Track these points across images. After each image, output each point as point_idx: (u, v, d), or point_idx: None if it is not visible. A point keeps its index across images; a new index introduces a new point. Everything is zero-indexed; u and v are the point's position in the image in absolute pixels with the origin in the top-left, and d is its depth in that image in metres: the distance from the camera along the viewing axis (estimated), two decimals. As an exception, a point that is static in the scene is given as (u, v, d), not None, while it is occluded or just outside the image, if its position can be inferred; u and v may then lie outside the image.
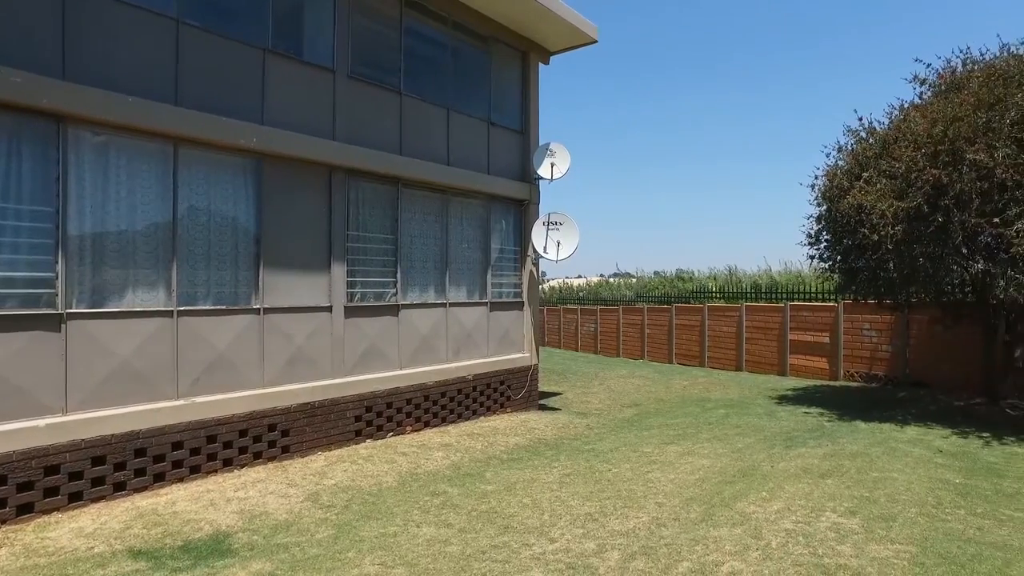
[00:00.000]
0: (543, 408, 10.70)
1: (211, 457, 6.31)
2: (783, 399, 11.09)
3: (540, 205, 10.63)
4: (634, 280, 30.34)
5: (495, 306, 9.99)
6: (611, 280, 33.10)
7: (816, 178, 9.94)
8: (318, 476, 6.35)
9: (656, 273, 28.94)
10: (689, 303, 19.52)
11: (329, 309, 7.57)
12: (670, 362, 18.50)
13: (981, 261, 7.86)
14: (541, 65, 10.97)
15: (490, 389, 9.75)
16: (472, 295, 9.67)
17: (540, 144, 10.46)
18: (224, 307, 6.57)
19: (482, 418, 9.51)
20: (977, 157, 7.53)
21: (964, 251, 8.04)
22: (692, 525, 4.77)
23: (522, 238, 10.48)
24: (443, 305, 9.12)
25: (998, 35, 15.60)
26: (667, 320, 18.85)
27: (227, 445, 6.44)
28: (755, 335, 15.75)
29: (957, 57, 9.12)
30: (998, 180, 7.50)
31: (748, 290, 18.78)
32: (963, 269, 7.92)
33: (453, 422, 9.06)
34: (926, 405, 9.96)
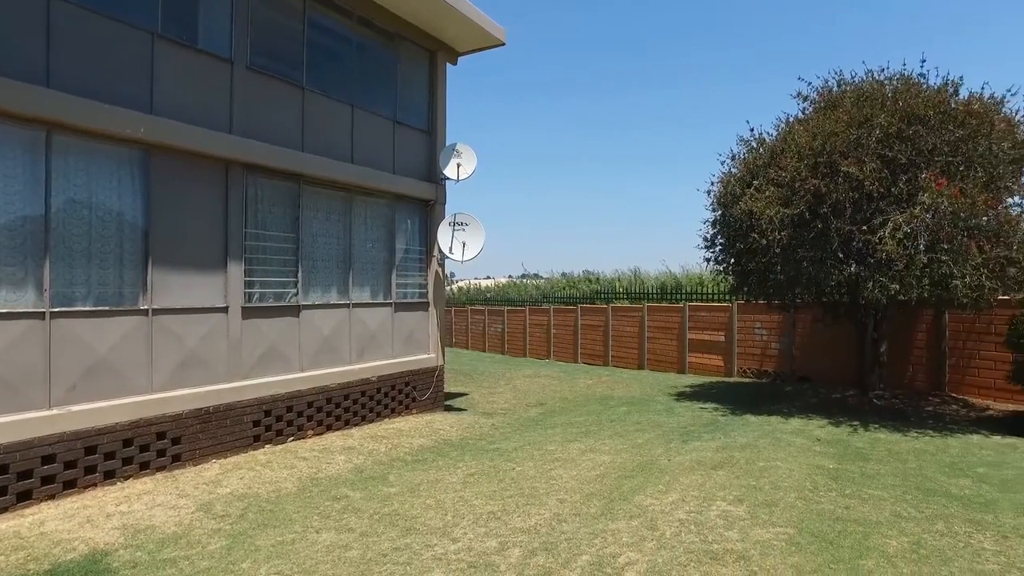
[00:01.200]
0: (449, 409, 10.68)
1: (89, 470, 5.87)
2: (681, 396, 11.60)
3: (447, 205, 10.61)
4: (542, 281, 30.83)
5: (400, 307, 9.88)
6: (519, 281, 33.46)
7: (712, 184, 10.49)
8: (212, 485, 6.05)
9: (564, 274, 29.53)
10: (595, 304, 20.06)
11: (225, 310, 7.23)
12: (575, 361, 18.95)
13: (853, 265, 8.54)
14: (449, 66, 10.96)
15: (395, 391, 9.63)
16: (377, 295, 9.51)
17: (447, 144, 10.44)
18: (107, 308, 6.14)
19: (387, 420, 9.37)
20: (850, 170, 8.18)
21: (840, 255, 8.71)
22: (592, 519, 4.91)
23: (428, 238, 10.42)
24: (346, 306, 8.92)
25: (863, 61, 17.03)
26: (573, 320, 19.29)
27: (109, 456, 6.01)
28: (656, 334, 16.40)
29: (833, 78, 9.91)
30: (867, 191, 8.19)
31: (651, 291, 19.54)
32: (839, 272, 8.58)
33: (357, 425, 8.88)
34: (808, 398, 10.71)
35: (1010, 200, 8.58)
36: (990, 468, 6.22)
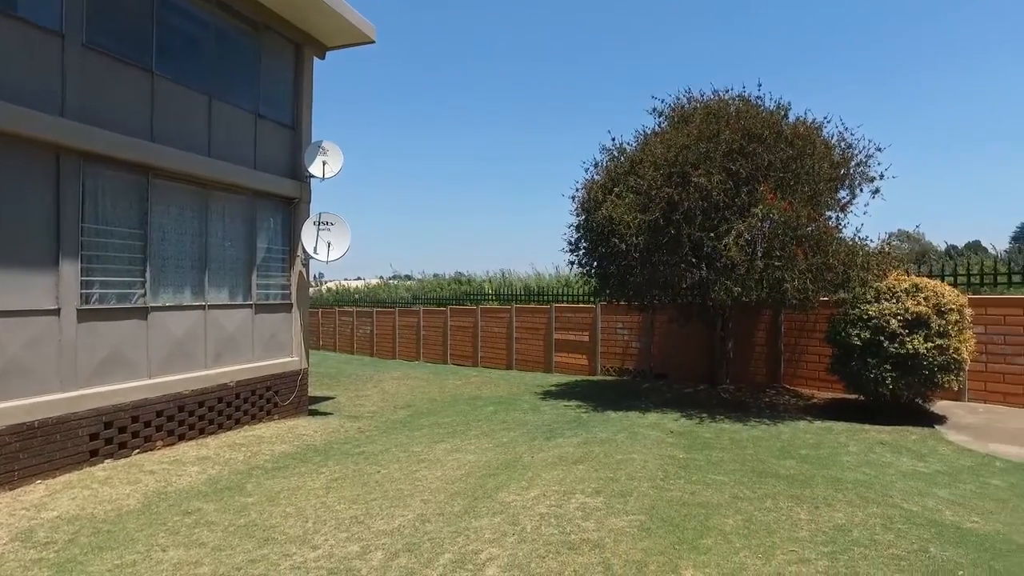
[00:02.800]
0: (314, 413, 10.35)
1: None
2: (547, 394, 11.99)
3: (312, 204, 10.28)
4: (413, 283, 30.57)
5: (262, 308, 9.44)
6: (390, 282, 32.97)
7: (576, 190, 10.94)
8: (35, 509, 5.47)
9: (435, 276, 29.46)
10: (464, 305, 20.22)
11: (57, 312, 6.56)
12: (445, 362, 18.99)
13: (703, 268, 9.26)
14: (317, 60, 10.63)
15: (255, 396, 9.19)
16: (236, 296, 9.03)
17: (313, 141, 10.12)
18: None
19: (247, 427, 8.93)
20: (699, 180, 8.87)
21: (692, 260, 9.40)
22: (455, 518, 4.98)
23: (291, 238, 10.04)
24: (202, 307, 8.40)
25: (711, 82, 18.54)
26: (442, 322, 19.33)
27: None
28: (524, 335, 16.82)
29: (684, 95, 10.70)
30: (714, 201, 8.92)
31: (520, 292, 19.96)
32: (691, 275, 9.26)
33: (213, 433, 8.39)
34: (664, 394, 11.44)
35: (828, 213, 9.67)
36: (811, 449, 7.00)
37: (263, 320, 9.46)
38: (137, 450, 7.30)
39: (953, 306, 8.21)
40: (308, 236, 9.77)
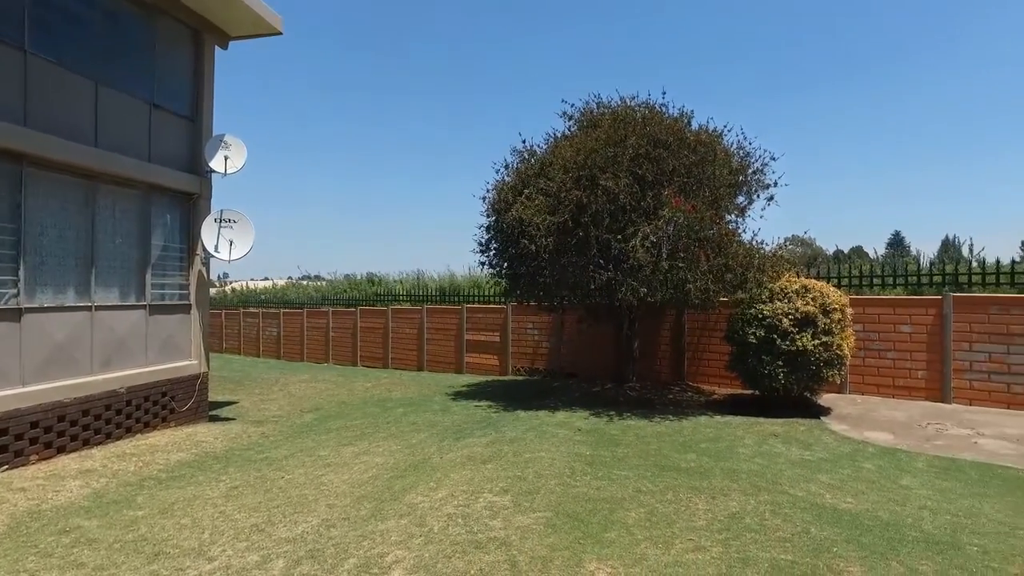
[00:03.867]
0: (215, 419, 9.86)
1: None
2: (458, 395, 11.96)
3: (213, 200, 9.79)
4: (324, 283, 29.76)
5: (157, 309, 8.91)
6: (299, 283, 31.92)
7: (487, 191, 10.97)
8: None
9: (347, 276, 28.78)
10: (376, 306, 19.87)
11: (-87, 314, 5.93)
12: (355, 364, 18.61)
13: (611, 269, 9.50)
14: (220, 50, 10.13)
15: (149, 402, 8.65)
16: (127, 297, 8.48)
17: (214, 135, 9.65)
18: None
19: (140, 436, 8.40)
20: (607, 184, 9.11)
21: (600, 261, 9.63)
22: (361, 522, 4.88)
23: (191, 235, 9.53)
24: (87, 308, 7.83)
25: (617, 89, 19.19)
26: (352, 323, 18.94)
27: None
28: (435, 336, 16.72)
29: (593, 101, 10.97)
30: (621, 204, 9.18)
31: (432, 293, 19.82)
32: (599, 276, 9.49)
33: (100, 444, 7.83)
34: (573, 392, 11.66)
35: (728, 217, 10.18)
36: (710, 443, 7.33)
37: (159, 322, 8.93)
38: (5, 467, 6.70)
39: (837, 306, 8.83)
40: (209, 234, 9.30)
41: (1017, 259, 10.24)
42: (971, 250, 14.20)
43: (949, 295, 9.75)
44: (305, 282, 32.00)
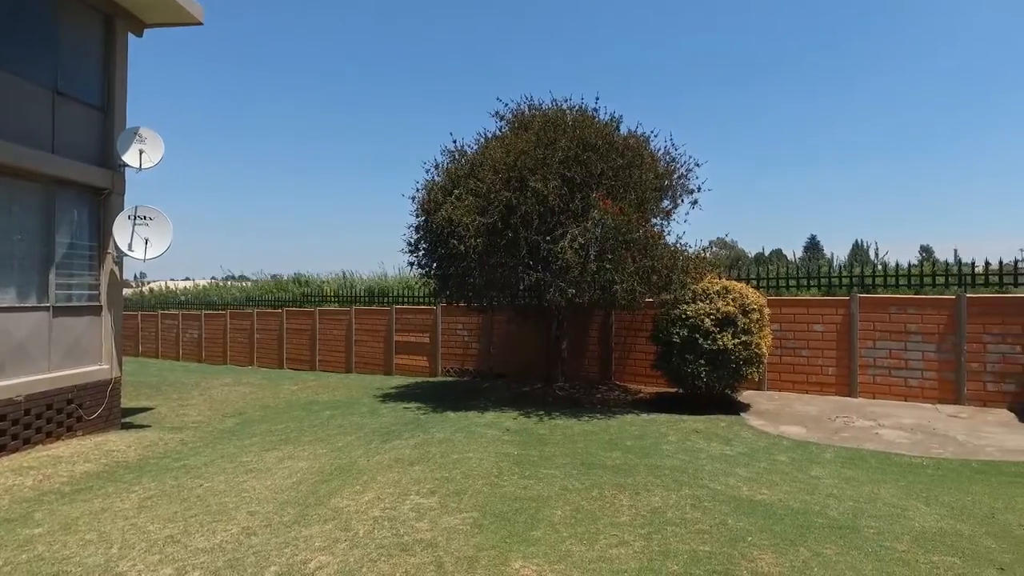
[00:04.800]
0: (128, 427, 9.36)
1: None
2: (387, 397, 11.81)
3: (127, 196, 9.29)
4: (249, 284, 28.79)
5: (62, 311, 8.38)
6: (223, 283, 30.73)
7: (417, 191, 10.87)
8: None
9: (274, 276, 27.95)
10: (303, 307, 19.37)
11: None
12: (281, 367, 18.10)
13: (540, 270, 9.60)
14: (135, 37, 9.63)
15: (53, 411, 8.12)
16: (27, 298, 7.93)
17: (128, 127, 9.16)
18: None
19: (41, 447, 7.87)
20: (536, 185, 9.20)
21: (529, 262, 9.72)
22: (284, 528, 4.75)
23: (101, 233, 9.01)
24: (-18, 310, 7.28)
25: (551, 91, 19.38)
26: (278, 324, 18.41)
27: None
28: (364, 337, 16.45)
29: (525, 102, 11.06)
30: (550, 205, 9.30)
31: (361, 294, 19.48)
32: (528, 277, 9.57)
33: (-4, 455, 7.29)
34: (502, 393, 11.71)
35: (654, 220, 10.47)
36: (635, 440, 7.52)
37: (64, 324, 8.40)
38: None
39: (755, 306, 9.22)
40: (122, 231, 8.82)
41: (914, 262, 10.99)
42: (877, 253, 15.18)
43: (856, 296, 10.36)
44: (229, 282, 30.85)
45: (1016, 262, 10.15)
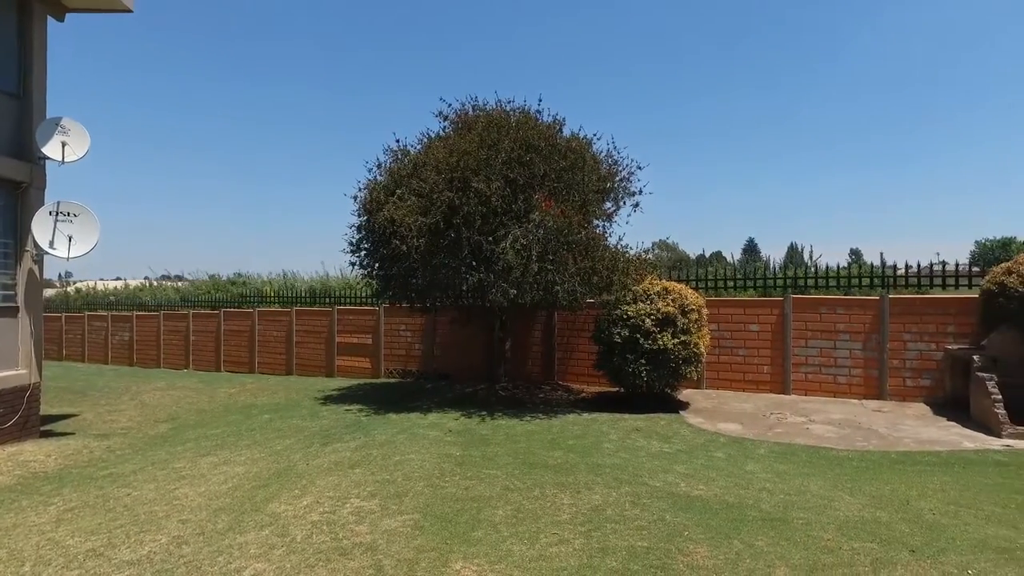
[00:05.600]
0: (48, 435, 8.88)
1: None
2: (328, 399, 11.58)
3: (47, 191, 8.80)
4: (186, 283, 27.76)
5: (-24, 312, 7.88)
6: (157, 283, 29.52)
7: (359, 190, 10.69)
8: None
9: (212, 276, 27.04)
10: (242, 308, 18.80)
11: None
12: (218, 370, 17.52)
13: (482, 271, 9.58)
14: (55, 22, 9.14)
15: (-35, 418, 7.64)
16: (-63, 298, 7.43)
17: (48, 117, 8.69)
18: None
19: (-49, 456, 7.38)
20: (479, 186, 9.18)
21: (472, 263, 9.67)
22: (218, 536, 4.59)
23: (19, 230, 8.51)
24: None
25: (496, 91, 19.41)
26: (216, 326, 17.81)
27: None
28: (305, 338, 16.09)
29: (469, 103, 11.02)
30: (493, 206, 9.29)
31: (303, 295, 19.04)
32: (471, 277, 9.53)
33: (-100, 467, 6.80)
34: (446, 394, 11.65)
35: (596, 222, 10.59)
36: (577, 439, 7.59)
37: (-23, 326, 7.90)
38: None
39: (694, 307, 9.45)
40: (42, 228, 8.36)
41: (844, 264, 11.48)
42: (811, 256, 15.79)
43: (789, 296, 10.75)
44: (164, 282, 29.67)
45: (932, 265, 10.73)
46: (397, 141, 10.96)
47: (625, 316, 9.36)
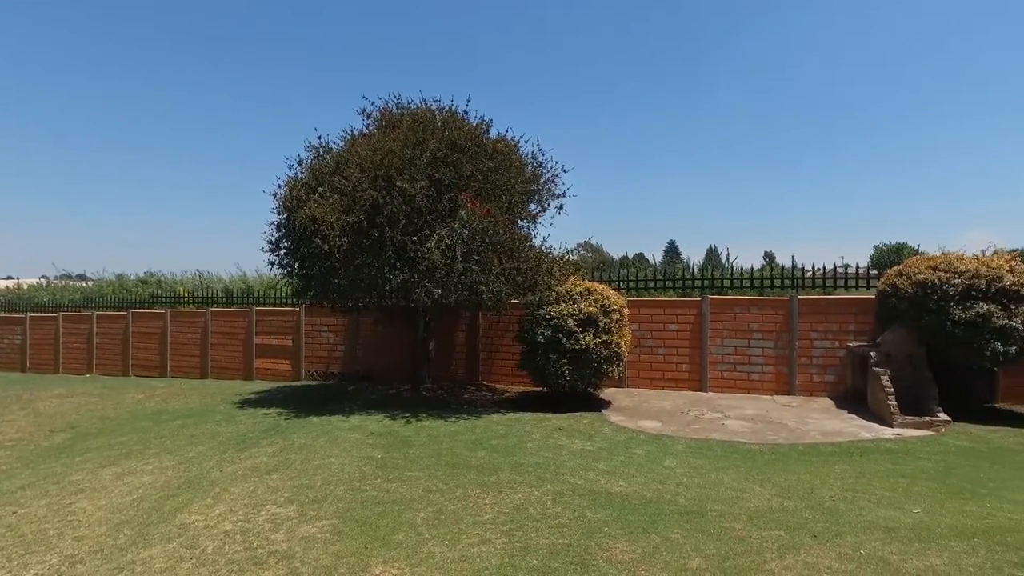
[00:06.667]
0: (-72, 447, 8.15)
1: None
2: (246, 403, 11.15)
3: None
4: (90, 283, 26.09)
5: None
6: (56, 282, 27.61)
7: (279, 187, 10.32)
8: None
9: (119, 276, 25.53)
10: (153, 309, 17.85)
11: None
12: (126, 375, 16.57)
13: (406, 271, 9.45)
14: None
15: None
16: None
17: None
18: None
19: None
20: (404, 185, 9.06)
21: (396, 262, 9.52)
22: (119, 552, 4.33)
23: None
24: None
25: (420, 91, 19.29)
26: (124, 328, 16.84)
27: None
28: (222, 340, 15.45)
29: (393, 100, 10.87)
30: (417, 206, 9.19)
31: (220, 295, 18.26)
32: (394, 278, 9.37)
33: None
34: (369, 395, 11.42)
35: (521, 223, 10.65)
36: (501, 439, 7.60)
37: None
38: None
39: (615, 307, 9.65)
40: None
41: (757, 266, 12.02)
42: (728, 258, 16.45)
43: (707, 297, 11.15)
44: (65, 282, 27.77)
45: (835, 268, 11.39)
46: (319, 138, 10.68)
47: (548, 316, 9.46)
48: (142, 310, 17.52)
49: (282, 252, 10.31)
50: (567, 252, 10.98)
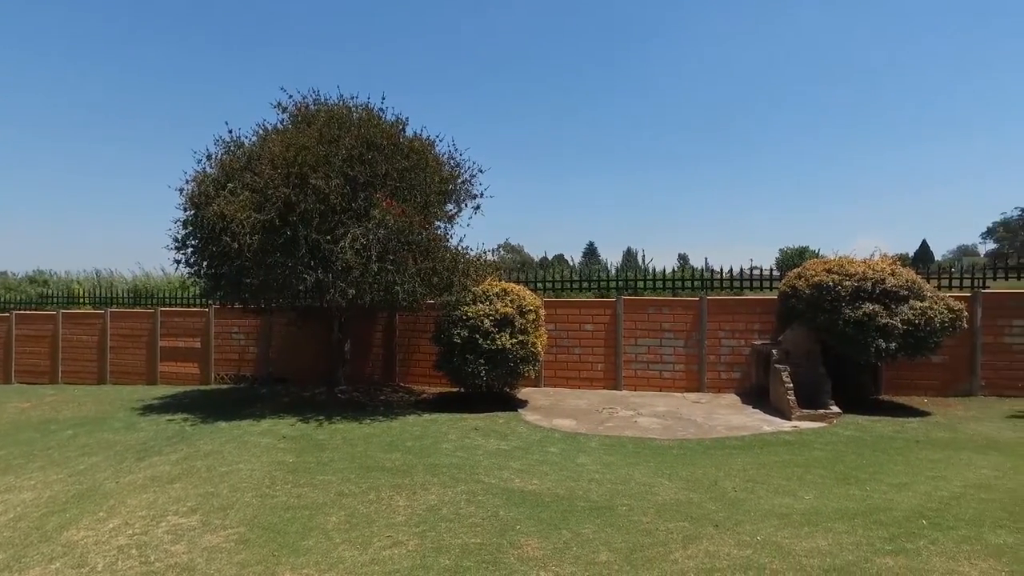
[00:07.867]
0: None
1: None
2: (148, 409, 10.55)
3: None
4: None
5: None
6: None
7: (186, 183, 9.85)
8: None
9: (3, 274, 23.62)
10: (43, 309, 16.61)
11: None
12: (8, 382, 15.36)
13: (320, 271, 9.21)
14: None
15: None
16: None
17: None
18: None
19: None
20: (318, 183, 8.84)
21: (309, 262, 9.27)
22: (-6, 573, 4.01)
23: None
24: None
25: (338, 86, 18.84)
26: (6, 330, 15.58)
27: None
28: (122, 343, 14.57)
29: (310, 95, 10.56)
30: (332, 204, 8.98)
31: (123, 295, 17.19)
32: (308, 277, 9.11)
33: None
34: (282, 398, 11.06)
35: (437, 223, 10.59)
36: (416, 441, 7.54)
37: None
38: None
39: (532, 307, 9.77)
40: None
41: (671, 268, 12.47)
42: (644, 259, 16.99)
43: (621, 298, 11.46)
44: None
45: (743, 270, 11.98)
46: (230, 131, 10.26)
47: (465, 317, 9.46)
48: (29, 311, 16.27)
49: (189, 250, 9.81)
50: (485, 252, 11.00)
